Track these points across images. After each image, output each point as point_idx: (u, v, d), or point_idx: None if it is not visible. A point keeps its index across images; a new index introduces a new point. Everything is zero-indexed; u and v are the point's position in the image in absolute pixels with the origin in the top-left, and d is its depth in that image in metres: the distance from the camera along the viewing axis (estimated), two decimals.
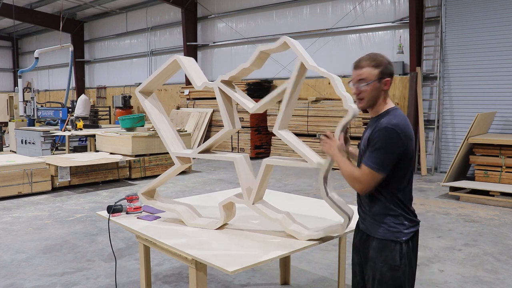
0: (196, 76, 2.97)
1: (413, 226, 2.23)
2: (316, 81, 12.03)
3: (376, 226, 2.25)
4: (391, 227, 2.21)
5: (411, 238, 2.22)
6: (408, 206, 2.24)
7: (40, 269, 4.26)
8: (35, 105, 13.31)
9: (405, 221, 2.21)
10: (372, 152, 2.12)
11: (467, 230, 5.49)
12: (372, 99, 2.24)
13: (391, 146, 2.09)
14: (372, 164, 2.11)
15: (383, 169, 2.10)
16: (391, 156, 2.09)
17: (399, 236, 2.20)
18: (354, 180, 2.17)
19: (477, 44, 9.18)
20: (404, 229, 2.21)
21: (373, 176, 2.11)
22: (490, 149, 7.51)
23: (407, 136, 2.11)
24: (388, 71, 2.23)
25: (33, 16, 18.64)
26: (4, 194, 7.20)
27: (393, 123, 2.10)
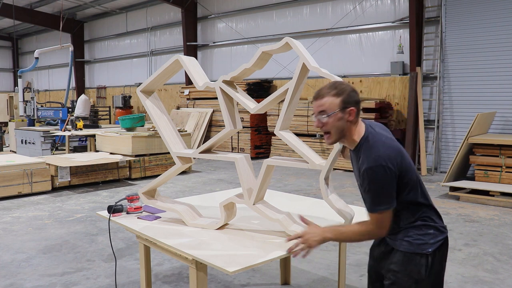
0: (198, 76, 2.97)
1: (440, 234, 2.15)
2: (316, 81, 12.03)
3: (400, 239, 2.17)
4: (416, 239, 2.13)
5: (438, 248, 2.14)
6: (429, 214, 2.16)
7: (40, 269, 4.26)
8: (35, 105, 13.31)
9: (430, 230, 2.13)
10: (370, 197, 2.05)
11: (467, 230, 5.49)
12: (339, 132, 2.10)
13: (384, 183, 2.00)
14: (377, 207, 2.03)
15: (390, 204, 2.04)
16: (389, 190, 2.02)
17: (424, 248, 2.11)
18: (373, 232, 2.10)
19: (477, 44, 9.19)
20: (430, 239, 2.13)
21: (387, 215, 2.06)
22: (490, 149, 7.51)
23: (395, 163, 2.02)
24: (351, 99, 2.07)
25: (33, 16, 18.63)
26: (4, 194, 7.19)
27: (375, 158, 1.99)
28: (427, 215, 2.15)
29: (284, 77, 12.60)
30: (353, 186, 8.30)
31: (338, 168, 10.07)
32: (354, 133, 2.11)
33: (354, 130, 2.11)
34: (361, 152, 2.08)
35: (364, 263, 4.37)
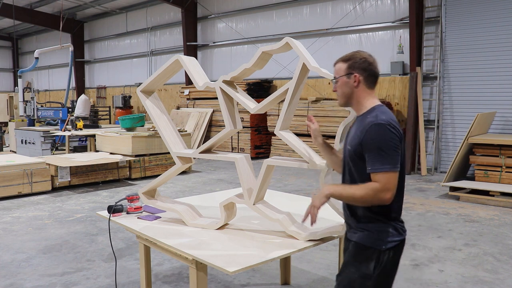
0: (198, 76, 2.97)
1: (397, 235, 2.07)
2: (316, 81, 12.03)
3: (356, 229, 2.11)
4: (372, 232, 2.05)
5: (392, 248, 2.05)
6: (395, 213, 2.07)
7: (40, 269, 4.26)
8: (35, 105, 13.31)
9: (390, 229, 2.05)
10: (375, 154, 1.94)
11: (467, 230, 5.49)
12: (345, 96, 2.13)
13: (391, 142, 1.94)
14: (382, 166, 1.92)
15: (396, 165, 1.93)
16: (396, 151, 1.94)
17: (379, 244, 2.03)
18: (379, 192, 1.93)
19: (477, 44, 9.19)
20: (386, 237, 2.04)
21: (393, 177, 1.93)
22: (490, 149, 7.51)
23: (400, 134, 1.99)
24: (358, 65, 2.09)
25: (33, 16, 18.63)
26: (4, 194, 7.19)
27: (383, 118, 1.97)
28: (392, 213, 2.06)
29: (284, 77, 12.60)
30: None
31: None
32: (362, 101, 2.11)
33: (362, 98, 2.11)
34: (368, 115, 2.05)
35: None
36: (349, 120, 2.36)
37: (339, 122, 9.79)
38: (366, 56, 2.13)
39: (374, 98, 2.12)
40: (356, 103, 2.13)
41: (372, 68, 2.13)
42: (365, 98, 2.11)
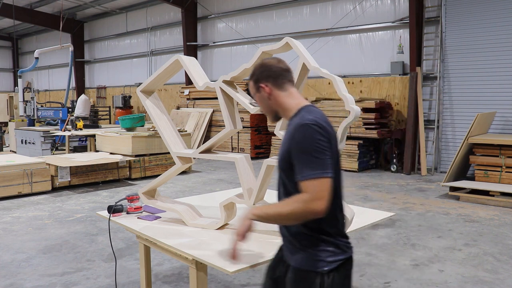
0: (198, 76, 2.97)
1: (340, 254, 1.85)
2: (316, 81, 12.03)
3: (293, 251, 1.87)
4: (310, 253, 1.81)
5: (336, 269, 1.82)
6: (333, 228, 1.83)
7: (40, 269, 4.26)
8: (35, 105, 13.31)
9: (329, 247, 1.82)
10: (302, 160, 1.70)
11: (467, 230, 5.49)
12: (268, 111, 1.97)
13: (318, 144, 1.69)
14: (314, 172, 1.67)
15: (326, 170, 1.68)
16: (325, 154, 1.69)
17: (319, 266, 1.79)
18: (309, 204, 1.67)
19: (477, 44, 9.19)
20: (327, 256, 1.81)
21: (325, 183, 1.67)
22: (490, 149, 7.51)
23: (329, 132, 1.74)
24: (261, 76, 1.91)
25: (33, 16, 18.63)
26: (4, 194, 7.19)
27: (309, 118, 1.74)
28: (330, 227, 1.83)
29: None
30: (353, 186, 8.30)
31: None
32: (285, 105, 1.90)
33: (284, 103, 1.90)
34: (293, 119, 1.85)
35: (365, 263, 4.38)
36: (349, 120, 2.36)
37: (339, 122, 9.79)
38: (266, 62, 1.94)
39: (297, 98, 1.91)
40: (282, 110, 1.93)
41: (275, 70, 1.91)
42: (286, 102, 1.90)
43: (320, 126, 1.71)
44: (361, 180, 8.99)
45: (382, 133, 9.86)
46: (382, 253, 4.66)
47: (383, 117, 10.20)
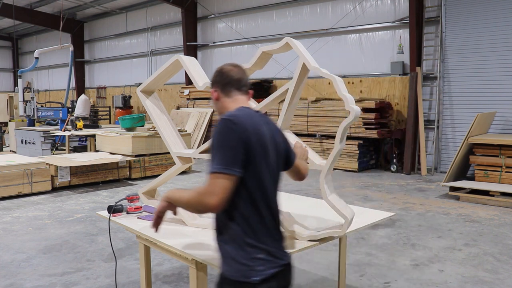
0: (198, 76, 2.97)
1: (274, 261, 1.74)
2: (316, 81, 12.03)
3: (221, 257, 1.78)
4: (239, 262, 1.71)
5: (270, 278, 1.70)
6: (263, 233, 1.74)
7: (40, 269, 4.26)
8: (35, 105, 13.31)
9: (260, 255, 1.71)
10: (212, 153, 1.69)
11: (467, 230, 5.49)
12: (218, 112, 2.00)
13: (228, 139, 1.66)
14: (214, 166, 1.64)
15: (230, 168, 1.63)
16: (233, 151, 1.65)
17: (249, 275, 1.68)
18: (202, 196, 1.64)
19: (477, 44, 9.19)
20: (258, 265, 1.70)
21: (221, 180, 1.62)
22: (490, 149, 7.51)
23: (246, 129, 1.69)
24: (214, 81, 1.98)
25: (33, 16, 18.63)
26: (4, 194, 7.19)
27: (229, 113, 1.74)
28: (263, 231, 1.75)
29: (284, 77, 12.60)
30: (353, 186, 8.30)
31: (338, 168, 10.07)
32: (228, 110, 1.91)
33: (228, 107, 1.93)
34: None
35: (365, 263, 4.38)
36: (349, 120, 2.36)
37: (339, 122, 9.79)
38: (221, 69, 1.98)
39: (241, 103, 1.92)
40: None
41: (226, 77, 1.94)
42: (229, 106, 1.92)
43: (234, 122, 1.68)
44: (361, 180, 8.99)
45: (382, 133, 9.86)
46: (382, 253, 4.67)
47: (383, 117, 10.20)
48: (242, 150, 1.66)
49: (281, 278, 1.77)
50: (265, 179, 1.76)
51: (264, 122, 1.85)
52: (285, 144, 2.01)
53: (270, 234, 1.78)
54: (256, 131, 1.73)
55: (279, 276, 1.75)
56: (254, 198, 1.73)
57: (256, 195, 1.73)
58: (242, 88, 1.95)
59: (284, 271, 1.79)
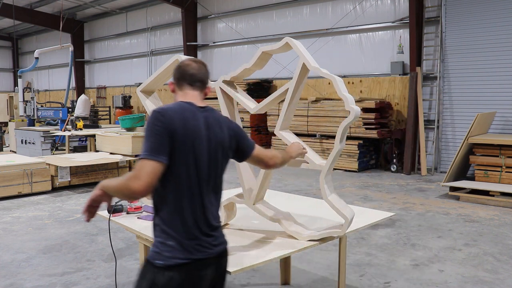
0: None
1: (183, 253, 1.76)
2: (316, 81, 12.03)
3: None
4: (154, 244, 1.81)
5: (174, 268, 1.73)
6: (179, 223, 1.78)
7: (40, 269, 4.26)
8: (35, 105, 13.31)
9: (170, 241, 1.76)
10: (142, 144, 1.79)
11: (467, 230, 5.49)
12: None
13: (153, 127, 1.75)
14: (142, 153, 1.73)
15: (153, 155, 1.70)
16: (159, 140, 1.73)
17: (155, 258, 1.75)
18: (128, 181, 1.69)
19: (477, 44, 9.19)
20: (166, 251, 1.75)
21: (145, 165, 1.69)
22: (490, 149, 7.51)
23: (172, 121, 1.77)
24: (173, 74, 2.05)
25: (33, 16, 18.62)
26: (4, 194, 7.19)
27: (161, 107, 1.84)
28: (178, 220, 1.79)
29: (284, 77, 12.60)
30: (353, 186, 8.30)
31: (338, 168, 10.07)
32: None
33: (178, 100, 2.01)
34: None
35: (365, 263, 4.38)
36: (349, 120, 2.36)
37: (339, 122, 9.78)
38: (180, 64, 2.05)
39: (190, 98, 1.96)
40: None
41: (181, 71, 2.01)
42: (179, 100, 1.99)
43: (162, 113, 1.78)
44: (361, 180, 8.99)
45: (382, 133, 9.86)
46: (382, 253, 4.67)
47: (383, 117, 10.20)
48: (168, 140, 1.75)
49: (188, 272, 1.77)
50: (191, 171, 1.82)
51: (201, 116, 1.90)
52: (235, 138, 2.03)
53: (189, 225, 1.80)
54: (184, 124, 1.81)
55: (185, 269, 1.77)
56: (177, 188, 1.80)
57: (180, 185, 1.80)
58: (195, 83, 2.00)
59: (193, 266, 1.79)
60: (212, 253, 1.85)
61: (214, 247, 1.86)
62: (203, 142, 1.85)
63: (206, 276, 1.84)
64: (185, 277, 1.76)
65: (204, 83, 2.02)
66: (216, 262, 1.88)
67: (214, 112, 1.99)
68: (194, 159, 1.82)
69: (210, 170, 1.89)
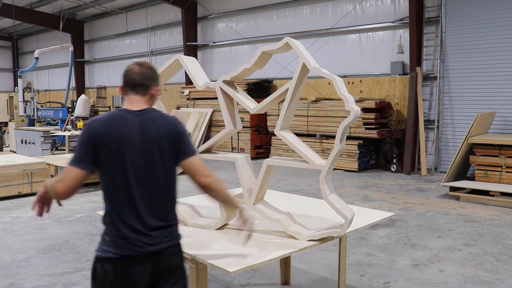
0: (198, 76, 2.97)
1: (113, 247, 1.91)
2: (316, 81, 12.03)
3: None
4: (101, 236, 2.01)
5: (108, 260, 1.91)
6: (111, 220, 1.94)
7: (40, 269, 4.26)
8: (35, 105, 13.31)
9: (106, 237, 1.95)
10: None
11: (467, 230, 5.49)
12: None
13: (80, 138, 1.94)
14: (70, 160, 1.94)
15: (77, 163, 1.90)
16: (82, 148, 1.92)
17: (97, 249, 1.96)
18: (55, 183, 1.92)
19: (477, 44, 9.19)
20: (103, 244, 1.95)
21: (68, 171, 1.91)
22: (490, 149, 7.51)
23: (97, 131, 1.92)
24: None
25: (33, 16, 18.63)
26: (4, 194, 7.19)
27: (93, 118, 2.03)
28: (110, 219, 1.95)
29: (284, 77, 12.60)
30: (353, 186, 8.30)
31: (338, 168, 10.07)
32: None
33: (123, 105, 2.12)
34: None
35: (365, 263, 4.38)
36: (349, 120, 2.36)
37: (339, 122, 9.79)
38: (126, 67, 2.13)
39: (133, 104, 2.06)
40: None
41: (124, 78, 2.10)
42: (124, 104, 2.11)
43: (88, 126, 1.96)
44: (361, 180, 8.99)
45: (382, 133, 9.86)
46: (382, 253, 4.67)
47: (383, 117, 10.20)
48: (92, 149, 1.92)
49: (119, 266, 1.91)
50: (119, 174, 1.93)
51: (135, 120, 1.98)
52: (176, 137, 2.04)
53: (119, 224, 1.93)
54: (110, 131, 1.93)
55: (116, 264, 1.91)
56: (108, 190, 1.96)
57: (111, 188, 1.95)
58: (136, 88, 2.06)
59: (122, 262, 1.91)
60: (143, 252, 1.93)
61: (148, 246, 1.93)
62: (134, 144, 1.94)
63: (139, 273, 1.93)
64: (117, 271, 1.91)
65: (146, 86, 2.07)
66: (152, 260, 1.95)
67: (153, 113, 2.05)
68: (122, 162, 1.93)
69: (147, 170, 1.96)
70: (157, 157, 1.98)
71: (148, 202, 1.96)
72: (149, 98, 2.10)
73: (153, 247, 1.94)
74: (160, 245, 1.97)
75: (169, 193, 2.08)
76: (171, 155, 2.03)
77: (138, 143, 1.95)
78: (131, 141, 1.93)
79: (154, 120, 2.02)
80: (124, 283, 1.92)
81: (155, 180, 1.99)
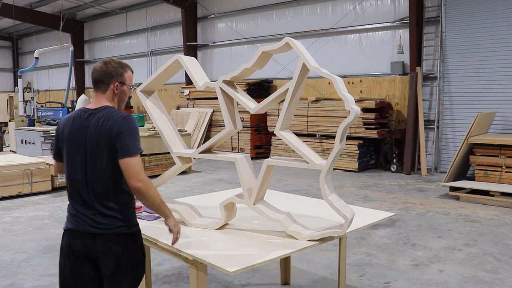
0: (198, 76, 2.97)
1: (67, 221, 2.27)
2: (316, 81, 12.03)
3: None
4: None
5: (65, 232, 2.25)
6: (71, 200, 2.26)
7: (40, 269, 4.26)
8: (35, 105, 13.30)
9: (67, 213, 2.29)
10: None
11: (467, 230, 5.49)
12: None
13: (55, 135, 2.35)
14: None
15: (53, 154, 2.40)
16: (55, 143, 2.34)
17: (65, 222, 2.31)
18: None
19: (477, 44, 9.19)
20: (66, 219, 2.29)
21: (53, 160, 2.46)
22: (490, 149, 7.51)
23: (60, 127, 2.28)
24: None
25: (33, 16, 18.62)
26: (4, 194, 7.19)
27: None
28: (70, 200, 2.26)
29: (284, 77, 12.60)
30: (353, 186, 8.30)
31: (338, 168, 10.07)
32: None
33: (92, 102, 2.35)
34: None
35: (365, 263, 4.38)
36: (349, 120, 2.36)
37: (339, 122, 9.79)
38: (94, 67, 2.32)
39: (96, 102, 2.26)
40: None
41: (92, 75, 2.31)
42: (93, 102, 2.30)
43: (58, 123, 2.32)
44: (361, 180, 9.00)
45: (382, 133, 9.86)
46: (382, 253, 4.67)
47: (383, 117, 10.20)
48: (58, 144, 2.29)
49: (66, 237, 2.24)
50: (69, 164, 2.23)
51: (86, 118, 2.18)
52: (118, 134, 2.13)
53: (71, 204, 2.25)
54: (66, 128, 2.22)
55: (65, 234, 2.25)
56: (67, 175, 2.25)
57: (67, 174, 2.26)
58: (97, 85, 2.26)
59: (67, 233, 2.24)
60: (83, 229, 2.17)
61: (88, 226, 2.17)
62: (80, 141, 2.17)
63: (75, 246, 2.18)
64: (65, 241, 2.24)
65: (105, 83, 2.24)
66: (88, 237, 2.16)
67: (104, 111, 2.18)
68: (71, 155, 2.21)
69: (89, 163, 2.16)
70: (96, 149, 2.14)
71: (92, 193, 2.17)
72: (113, 95, 2.27)
73: (92, 228, 2.16)
74: (97, 229, 2.16)
75: (108, 188, 2.17)
76: (110, 153, 2.14)
77: (83, 140, 2.17)
78: (78, 136, 2.18)
79: (99, 119, 2.16)
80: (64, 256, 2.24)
81: (95, 175, 2.16)
